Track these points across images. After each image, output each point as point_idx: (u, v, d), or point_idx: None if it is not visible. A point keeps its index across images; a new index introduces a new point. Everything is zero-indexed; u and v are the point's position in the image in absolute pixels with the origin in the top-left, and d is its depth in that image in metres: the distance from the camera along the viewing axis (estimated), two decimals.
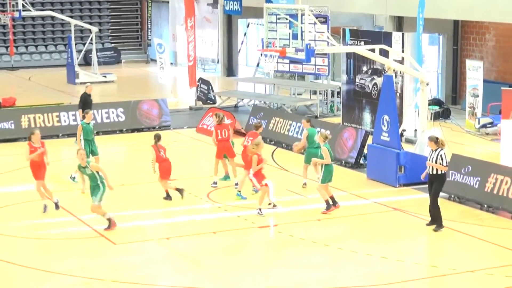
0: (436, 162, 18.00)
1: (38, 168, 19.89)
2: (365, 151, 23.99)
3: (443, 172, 18.13)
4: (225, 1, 42.29)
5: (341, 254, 16.94)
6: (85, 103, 27.61)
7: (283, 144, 27.17)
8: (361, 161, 24.25)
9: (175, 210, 20.17)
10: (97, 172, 18.14)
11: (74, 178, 22.45)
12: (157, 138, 20.80)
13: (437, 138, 18.31)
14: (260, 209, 19.34)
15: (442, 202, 18.18)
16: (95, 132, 23.62)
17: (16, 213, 20.15)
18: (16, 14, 43.63)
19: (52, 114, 29.34)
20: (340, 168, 23.65)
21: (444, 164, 18.02)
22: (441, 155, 17.96)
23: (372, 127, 26.49)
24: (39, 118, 29.31)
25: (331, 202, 19.64)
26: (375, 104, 25.76)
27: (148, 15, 54.21)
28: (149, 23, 53.95)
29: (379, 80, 27.89)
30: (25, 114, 29.47)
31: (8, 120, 29.11)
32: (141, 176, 22.84)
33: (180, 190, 20.93)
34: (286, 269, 16.13)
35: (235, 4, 42.14)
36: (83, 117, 23.67)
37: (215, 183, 22.11)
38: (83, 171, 18.31)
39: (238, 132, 28.43)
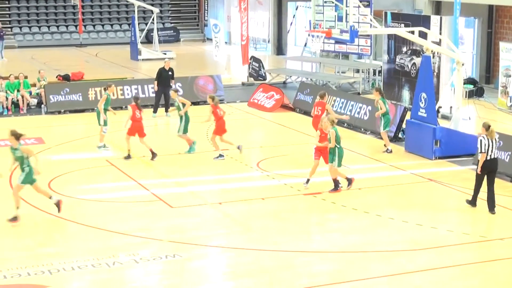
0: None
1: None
2: (404, 125, 23.81)
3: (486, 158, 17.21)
4: None
5: (379, 221, 16.86)
6: (160, 76, 28.06)
7: None
8: (400, 135, 24.07)
9: (227, 177, 20.22)
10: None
11: (104, 146, 22.99)
12: (135, 99, 22.20)
13: (489, 126, 17.19)
14: (308, 180, 19.24)
15: (474, 174, 17.95)
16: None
17: (84, 177, 20.36)
18: None
19: (117, 87, 29.48)
20: (380, 141, 23.52)
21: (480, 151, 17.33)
22: (480, 140, 17.26)
23: (410, 104, 26.27)
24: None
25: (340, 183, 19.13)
26: (414, 82, 25.52)
27: None
28: (206, 5, 53.93)
29: (417, 60, 27.63)
30: (92, 87, 29.72)
31: (76, 92, 29.40)
32: (196, 145, 22.87)
33: (153, 154, 21.63)
34: (328, 233, 16.12)
35: None
36: (105, 89, 24.04)
37: (221, 155, 21.90)
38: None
39: (285, 107, 28.39)
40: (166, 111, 28.10)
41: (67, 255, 14.79)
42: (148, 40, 46.91)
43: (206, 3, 54.00)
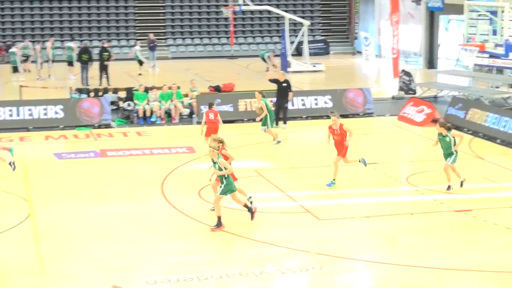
0: None
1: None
2: None
3: None
4: None
5: None
6: (282, 89, 28.34)
7: (480, 134, 26.47)
8: None
9: (375, 191, 20.05)
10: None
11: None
12: (210, 105, 23.92)
13: None
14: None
15: None
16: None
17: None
18: (237, 8, 44.64)
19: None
20: None
21: None
22: None
23: None
24: (254, 102, 29.84)
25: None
26: None
27: (356, 10, 54.12)
28: (356, 18, 53.81)
29: None
30: (242, 99, 30.13)
31: (227, 103, 29.87)
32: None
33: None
34: (479, 252, 15.70)
35: (438, 1, 41.48)
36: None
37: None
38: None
39: (435, 121, 27.87)
40: (284, 123, 28.29)
41: (216, 263, 15.03)
42: (298, 52, 47.19)
43: (356, 16, 53.90)
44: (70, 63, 40.47)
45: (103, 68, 38.31)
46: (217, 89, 33.84)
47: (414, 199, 19.46)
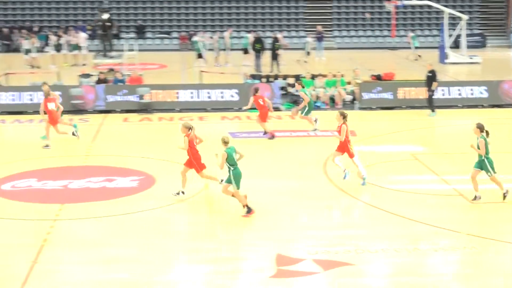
0: None
1: None
2: None
3: None
4: None
5: None
6: (428, 78, 27.78)
7: None
8: None
9: None
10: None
11: None
12: (255, 90, 24.25)
13: None
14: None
15: None
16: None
17: (390, 169, 20.36)
18: (399, 3, 43.97)
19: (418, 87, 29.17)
20: None
21: None
22: None
23: None
24: (412, 91, 29.43)
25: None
26: None
27: None
28: None
29: None
30: (401, 87, 29.71)
31: (387, 91, 29.55)
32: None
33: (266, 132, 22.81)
34: None
35: None
36: None
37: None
38: None
39: None
40: (433, 111, 27.69)
41: (372, 238, 14.95)
42: (456, 45, 45.95)
43: None
44: (246, 51, 41.17)
45: (275, 57, 38.73)
46: (378, 77, 33.47)
47: None
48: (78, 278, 13.17)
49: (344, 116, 18.61)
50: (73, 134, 23.36)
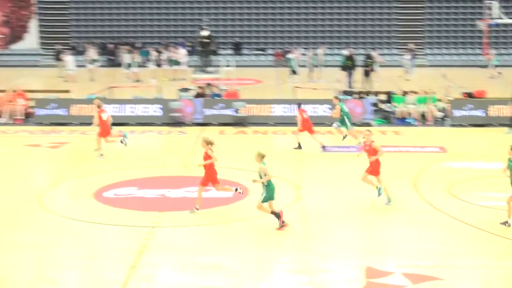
0: None
1: None
2: None
3: None
4: None
5: None
6: None
7: None
8: None
9: None
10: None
11: None
12: (299, 104, 24.87)
13: None
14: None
15: None
16: None
17: (482, 185, 19.91)
18: (492, 22, 43.09)
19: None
20: None
21: None
22: None
23: None
24: (503, 108, 28.77)
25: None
26: None
27: None
28: None
29: None
30: (492, 105, 29.13)
31: (479, 108, 29.03)
32: None
33: (300, 146, 23.57)
34: None
35: None
36: None
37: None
38: None
39: None
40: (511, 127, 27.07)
41: (461, 254, 14.62)
42: None
43: None
44: (344, 68, 40.42)
45: (367, 73, 38.44)
46: (469, 95, 32.80)
47: None
48: (174, 283, 13.33)
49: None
50: (121, 142, 23.35)
